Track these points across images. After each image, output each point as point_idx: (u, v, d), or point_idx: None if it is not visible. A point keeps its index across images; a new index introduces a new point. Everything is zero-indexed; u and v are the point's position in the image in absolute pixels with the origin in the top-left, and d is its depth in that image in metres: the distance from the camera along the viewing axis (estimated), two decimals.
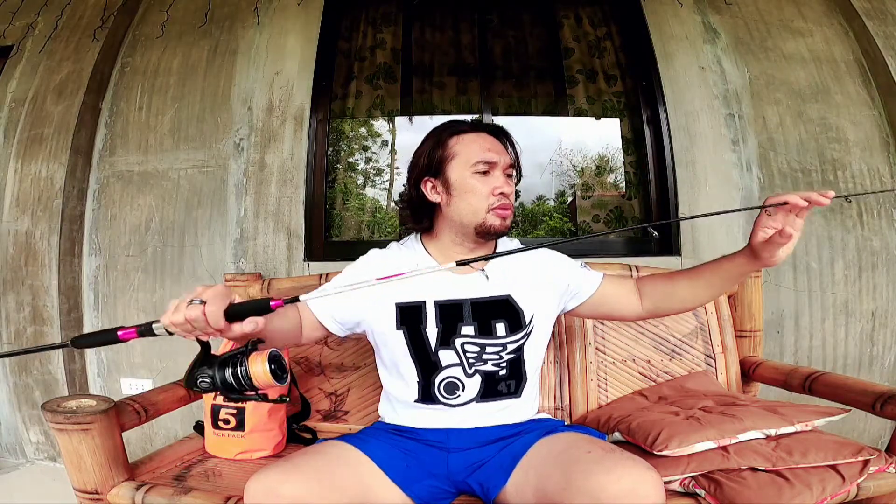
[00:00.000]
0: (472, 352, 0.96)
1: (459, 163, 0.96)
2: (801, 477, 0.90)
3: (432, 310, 0.96)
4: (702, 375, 1.37)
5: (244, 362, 0.70)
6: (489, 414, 0.97)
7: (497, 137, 1.00)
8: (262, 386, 0.70)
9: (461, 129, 1.00)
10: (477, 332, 0.96)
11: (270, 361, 0.69)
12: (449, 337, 0.96)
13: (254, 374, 0.69)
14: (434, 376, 0.96)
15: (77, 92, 1.90)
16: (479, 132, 1.00)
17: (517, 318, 0.98)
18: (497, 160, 0.96)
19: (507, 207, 0.97)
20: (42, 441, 1.86)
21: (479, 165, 0.95)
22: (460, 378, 0.96)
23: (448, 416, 0.96)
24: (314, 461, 0.82)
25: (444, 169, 0.97)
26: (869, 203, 1.74)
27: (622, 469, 0.70)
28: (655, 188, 1.83)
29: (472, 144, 0.97)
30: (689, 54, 1.85)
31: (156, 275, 1.82)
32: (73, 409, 0.95)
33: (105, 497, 0.97)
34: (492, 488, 0.87)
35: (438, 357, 0.96)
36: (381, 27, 2.07)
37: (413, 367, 0.97)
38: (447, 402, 0.96)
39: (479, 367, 0.96)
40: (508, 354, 0.97)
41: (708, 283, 0.96)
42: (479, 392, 0.96)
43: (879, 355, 1.72)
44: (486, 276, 1.00)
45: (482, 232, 0.97)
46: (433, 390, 0.96)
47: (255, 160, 1.83)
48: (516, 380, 0.98)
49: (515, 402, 0.98)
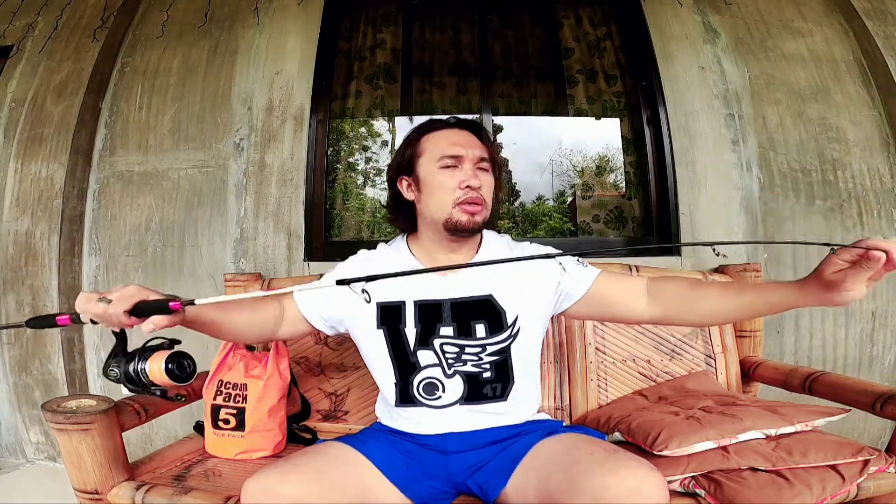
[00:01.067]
0: (450, 352, 0.94)
1: (427, 159, 0.97)
2: (801, 477, 0.90)
3: (411, 310, 0.96)
4: (702, 375, 1.37)
5: (145, 359, 0.76)
6: (478, 417, 0.94)
7: (471, 131, 1.00)
8: (159, 382, 0.75)
9: (434, 126, 1.01)
10: (456, 332, 0.94)
11: (169, 361, 0.75)
12: (427, 337, 0.94)
13: (150, 371, 0.75)
14: (412, 377, 0.95)
15: (77, 92, 1.90)
16: (450, 128, 1.00)
17: (498, 318, 0.95)
18: (463, 153, 0.95)
19: (476, 201, 0.94)
20: (42, 441, 1.86)
21: (445, 160, 0.95)
22: (439, 378, 0.94)
23: (436, 418, 0.94)
24: (313, 461, 0.82)
25: (415, 166, 0.98)
26: (869, 203, 1.74)
27: (626, 470, 0.70)
28: (655, 188, 1.83)
29: (440, 141, 0.98)
30: (689, 54, 1.85)
31: (156, 275, 1.82)
32: (73, 409, 0.95)
33: (105, 497, 0.97)
34: (491, 490, 0.87)
35: (417, 357, 0.95)
36: (381, 27, 2.07)
37: (391, 368, 0.97)
38: (429, 404, 0.94)
39: (459, 367, 0.94)
40: (490, 356, 0.94)
41: (743, 304, 0.84)
42: (464, 394, 0.94)
43: (879, 355, 1.72)
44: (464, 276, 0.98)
45: (450, 228, 0.95)
46: (411, 391, 0.95)
47: (255, 160, 1.83)
48: (502, 383, 0.95)
49: (502, 405, 0.95)
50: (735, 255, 1.70)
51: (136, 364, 0.76)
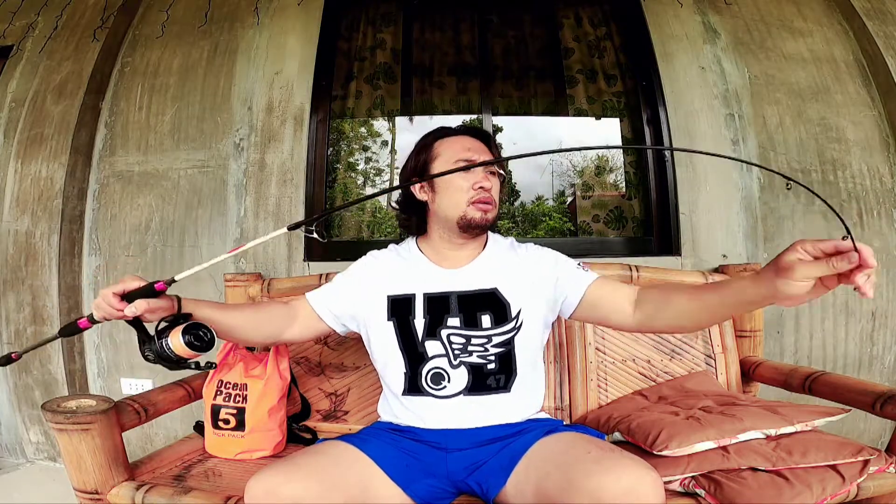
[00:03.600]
0: (457, 343, 0.98)
1: (442, 162, 1.03)
2: (801, 477, 0.90)
3: (421, 302, 1.01)
4: (702, 375, 1.37)
5: (166, 337, 0.80)
6: (480, 408, 0.97)
7: (480, 139, 1.07)
8: (185, 355, 0.80)
9: (447, 133, 1.08)
10: (462, 323, 0.99)
11: (185, 333, 0.79)
12: (435, 328, 0.99)
13: (174, 346, 0.79)
14: (421, 367, 0.99)
15: (77, 92, 1.90)
16: (462, 135, 1.07)
17: (503, 310, 1.00)
18: (476, 158, 1.02)
19: (488, 201, 1.01)
20: (42, 441, 1.86)
21: (459, 163, 1.01)
22: (445, 369, 0.98)
23: (439, 409, 0.97)
24: (315, 461, 0.82)
25: (429, 169, 1.04)
26: (869, 203, 1.74)
27: (621, 469, 0.70)
28: (655, 188, 1.83)
29: (454, 145, 1.05)
30: (689, 54, 1.85)
31: (156, 275, 1.82)
32: (73, 409, 0.95)
33: (105, 497, 0.97)
34: (491, 488, 0.88)
35: (425, 347, 0.99)
36: (381, 27, 2.07)
37: (401, 358, 1.01)
38: (434, 394, 0.97)
39: (465, 358, 0.98)
40: (495, 347, 0.99)
41: (706, 303, 0.81)
42: (468, 385, 0.97)
43: (879, 355, 1.72)
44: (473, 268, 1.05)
45: (464, 225, 1.00)
46: (420, 381, 0.99)
47: (255, 160, 1.83)
48: (506, 374, 0.99)
49: (505, 397, 0.98)
50: (735, 256, 1.70)
51: (162, 343, 0.80)
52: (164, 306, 0.82)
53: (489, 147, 1.07)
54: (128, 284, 0.79)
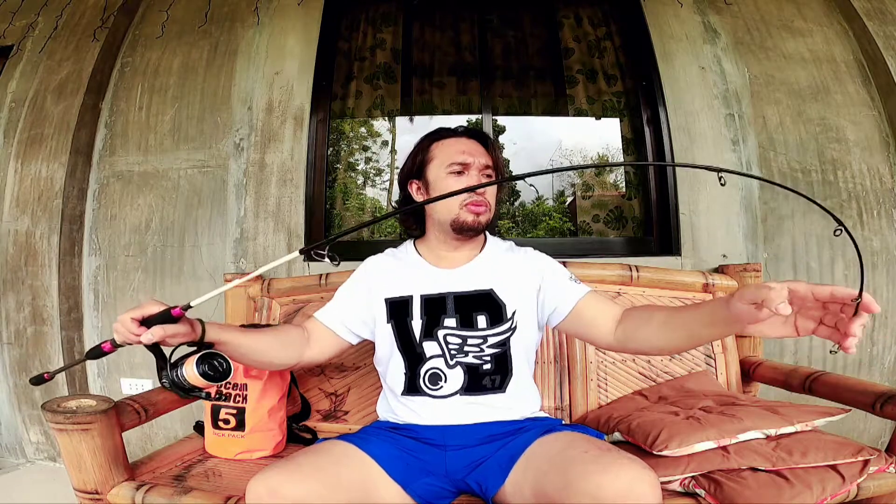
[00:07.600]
0: (453, 343, 1.00)
1: (437, 164, 1.05)
2: (801, 477, 0.90)
3: (418, 303, 1.03)
4: (702, 375, 1.37)
5: (181, 366, 0.79)
6: (476, 408, 0.98)
7: (478, 141, 1.07)
8: (199, 385, 0.79)
9: (443, 134, 1.09)
10: (458, 324, 1.00)
11: (200, 363, 0.78)
12: (432, 329, 1.00)
13: (188, 376, 0.78)
14: (420, 367, 1.00)
15: (77, 92, 1.90)
16: (459, 137, 1.07)
17: (498, 311, 1.01)
18: (471, 161, 1.02)
19: (481, 204, 1.01)
20: (42, 441, 1.86)
21: (453, 166, 1.02)
22: (442, 369, 0.99)
23: (435, 408, 0.98)
24: (316, 461, 0.82)
25: (425, 171, 1.06)
26: (869, 203, 1.74)
27: (619, 468, 0.70)
28: (655, 188, 1.83)
29: (449, 148, 1.05)
30: (689, 54, 1.85)
31: (156, 275, 1.82)
32: (73, 409, 0.95)
33: (105, 497, 0.97)
34: (490, 487, 0.88)
35: (423, 348, 1.00)
36: (381, 27, 2.07)
37: (401, 359, 1.02)
38: (432, 394, 0.98)
39: (461, 358, 0.99)
40: (491, 348, 1.00)
41: (680, 323, 0.81)
42: (463, 385, 0.98)
43: (879, 355, 1.72)
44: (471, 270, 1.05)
45: (457, 227, 1.02)
46: (418, 381, 1.00)
47: (255, 160, 1.83)
48: (501, 374, 1.00)
49: (500, 397, 0.99)
50: (735, 256, 1.70)
51: (178, 372, 0.79)
52: (182, 332, 0.78)
53: (487, 148, 1.07)
54: (146, 309, 0.76)
